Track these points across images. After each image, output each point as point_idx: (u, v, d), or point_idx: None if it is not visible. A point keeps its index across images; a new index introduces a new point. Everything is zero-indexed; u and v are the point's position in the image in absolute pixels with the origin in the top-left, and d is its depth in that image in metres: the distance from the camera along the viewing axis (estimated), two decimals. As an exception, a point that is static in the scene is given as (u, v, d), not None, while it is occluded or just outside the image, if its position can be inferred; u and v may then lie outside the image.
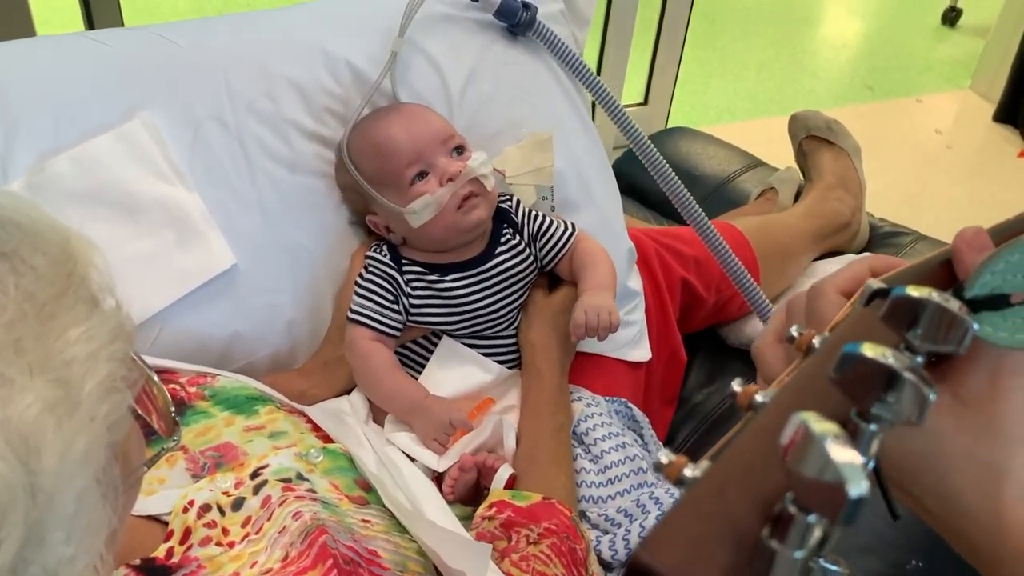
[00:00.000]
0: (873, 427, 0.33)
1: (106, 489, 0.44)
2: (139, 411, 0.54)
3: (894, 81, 3.25)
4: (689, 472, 0.32)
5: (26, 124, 1.00)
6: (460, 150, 1.02)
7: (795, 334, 0.42)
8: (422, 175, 0.99)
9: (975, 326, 0.37)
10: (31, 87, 1.02)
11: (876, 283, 0.43)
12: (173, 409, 0.52)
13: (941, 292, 0.37)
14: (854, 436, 0.32)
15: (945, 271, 0.47)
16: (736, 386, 0.39)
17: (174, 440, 0.53)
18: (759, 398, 0.37)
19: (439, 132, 1.01)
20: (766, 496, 0.30)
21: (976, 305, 0.41)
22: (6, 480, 0.38)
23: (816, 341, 0.41)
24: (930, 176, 2.68)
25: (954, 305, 0.36)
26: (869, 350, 0.32)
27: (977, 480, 0.42)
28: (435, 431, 0.96)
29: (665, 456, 0.33)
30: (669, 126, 2.62)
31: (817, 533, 0.29)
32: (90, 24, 1.86)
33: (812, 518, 0.28)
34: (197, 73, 1.06)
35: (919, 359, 0.37)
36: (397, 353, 1.03)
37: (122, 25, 1.88)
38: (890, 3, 3.93)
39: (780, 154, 1.78)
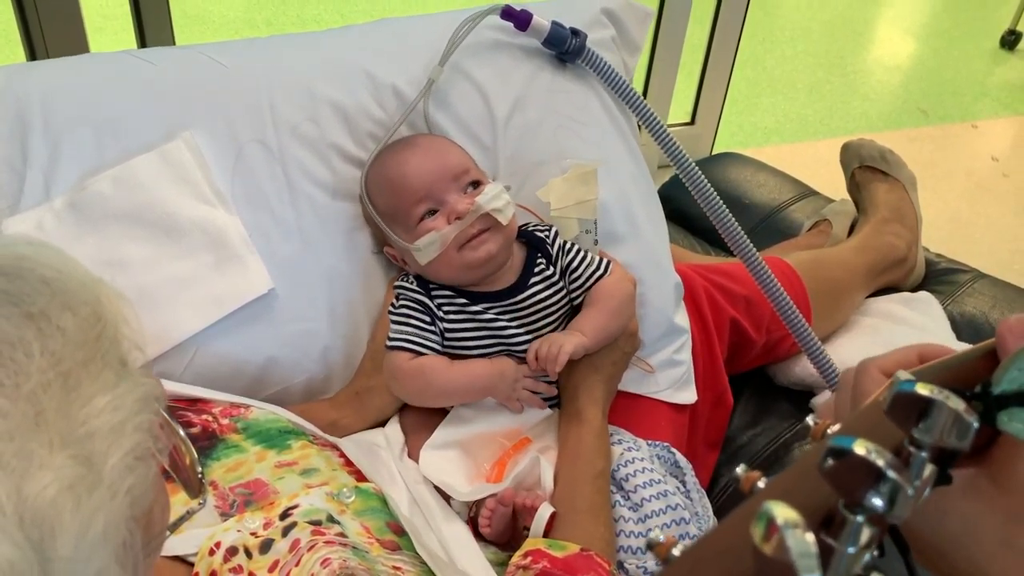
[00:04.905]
0: (859, 519, 0.33)
1: (126, 561, 0.42)
2: (167, 468, 0.51)
3: (949, 105, 3.16)
4: (676, 552, 0.34)
5: (70, 141, 1.00)
6: (476, 184, 0.99)
7: (810, 423, 0.43)
8: (432, 212, 0.97)
9: (1006, 421, 0.39)
10: (76, 105, 1.02)
11: (905, 375, 0.41)
12: (200, 470, 0.50)
13: (944, 390, 0.37)
14: (841, 526, 0.33)
15: (989, 363, 0.45)
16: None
17: (200, 503, 0.50)
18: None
19: (453, 167, 0.98)
20: None
21: (1006, 400, 0.40)
22: (17, 568, 0.36)
23: (830, 431, 0.42)
24: (984, 205, 2.60)
25: (958, 404, 0.36)
26: (858, 446, 0.33)
27: (1008, 566, 0.42)
28: (513, 388, 0.96)
29: (661, 534, 0.36)
30: (716, 147, 2.57)
31: None
32: (140, 31, 1.88)
33: None
34: (242, 95, 1.05)
35: (923, 454, 0.37)
36: None
37: (171, 31, 1.89)
38: (946, 24, 3.82)
39: (830, 178, 1.72)
